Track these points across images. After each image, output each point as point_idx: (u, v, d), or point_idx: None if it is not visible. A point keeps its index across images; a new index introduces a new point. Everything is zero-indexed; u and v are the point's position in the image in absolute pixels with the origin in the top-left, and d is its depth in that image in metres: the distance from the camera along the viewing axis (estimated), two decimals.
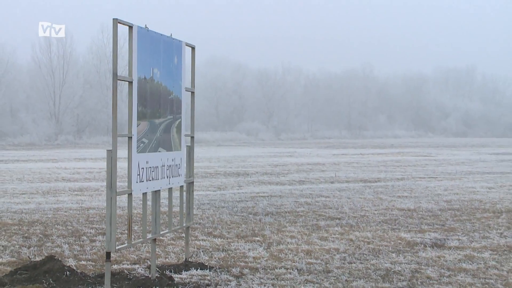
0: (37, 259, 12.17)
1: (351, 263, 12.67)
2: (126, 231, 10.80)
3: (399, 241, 15.07)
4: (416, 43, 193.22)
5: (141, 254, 13.00)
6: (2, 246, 14.30)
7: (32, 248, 14.03)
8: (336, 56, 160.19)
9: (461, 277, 11.50)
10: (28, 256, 13.02)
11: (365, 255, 13.43)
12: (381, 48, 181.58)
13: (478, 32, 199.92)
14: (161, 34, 10.95)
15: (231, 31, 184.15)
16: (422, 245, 14.49)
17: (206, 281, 11.00)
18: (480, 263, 12.59)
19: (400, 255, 13.45)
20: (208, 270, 11.85)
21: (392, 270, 12.06)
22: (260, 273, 11.68)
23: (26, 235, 15.75)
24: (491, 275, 11.64)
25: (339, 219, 18.29)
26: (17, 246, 14.28)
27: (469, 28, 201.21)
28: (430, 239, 15.20)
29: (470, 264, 12.55)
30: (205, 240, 15.02)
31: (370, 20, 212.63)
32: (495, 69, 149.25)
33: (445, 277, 11.48)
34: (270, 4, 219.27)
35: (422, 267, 12.33)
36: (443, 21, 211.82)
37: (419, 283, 11.06)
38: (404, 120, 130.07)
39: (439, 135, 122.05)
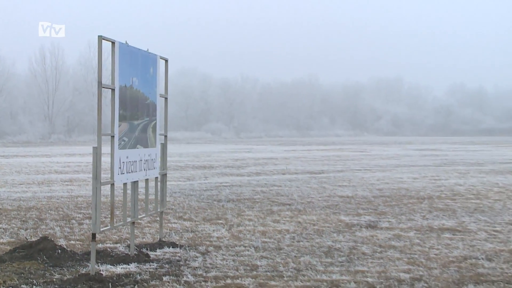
0: (33, 239, 12.15)
1: (299, 241, 12.67)
2: (109, 216, 10.73)
3: (339, 223, 15.07)
4: (354, 56, 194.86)
5: (122, 235, 12.95)
6: (3, 229, 14.21)
7: (28, 230, 13.95)
8: (286, 67, 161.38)
9: (391, 252, 11.54)
10: (25, 237, 12.98)
11: (310, 235, 13.43)
12: (324, 60, 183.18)
13: (405, 47, 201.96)
14: (139, 49, 10.92)
15: (199, 46, 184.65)
16: (358, 226, 14.52)
17: (177, 258, 10.99)
18: (406, 241, 12.65)
19: (340, 234, 13.46)
20: (179, 248, 11.84)
21: (333, 247, 12.06)
22: (222, 250, 11.67)
23: (23, 219, 15.64)
24: (415, 251, 11.69)
25: (289, 204, 18.28)
26: (15, 229, 14.19)
27: (398, 43, 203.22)
28: (365, 221, 15.25)
29: (398, 242, 12.61)
30: (176, 223, 14.98)
31: (316, 35, 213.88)
32: (418, 79, 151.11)
33: (377, 253, 11.51)
34: (232, 21, 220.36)
35: (358, 244, 12.35)
36: (377, 36, 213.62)
37: (355, 258, 11.07)
38: (343, 121, 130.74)
39: (373, 134, 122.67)
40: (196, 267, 10.26)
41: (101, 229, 10.23)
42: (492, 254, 11.46)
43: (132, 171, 10.80)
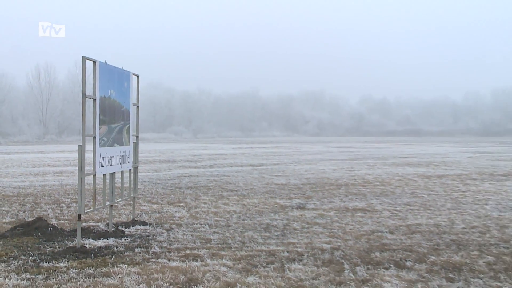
0: (30, 219, 12.07)
1: (244, 220, 12.64)
2: (92, 200, 10.67)
3: (275, 205, 15.06)
4: (287, 72, 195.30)
5: (102, 216, 12.79)
6: (5, 211, 14.01)
7: (26, 212, 13.80)
8: (234, 81, 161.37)
9: (315, 228, 11.55)
10: (23, 218, 12.82)
11: (253, 215, 13.40)
12: (263, 75, 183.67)
13: (327, 64, 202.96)
14: (115, 67, 10.82)
15: (165, 64, 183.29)
16: (290, 208, 14.53)
17: (147, 233, 10.91)
18: (328, 219, 12.67)
19: (276, 214, 13.47)
20: (148, 225, 11.76)
21: (271, 224, 12.07)
22: (183, 227, 11.63)
23: (22, 203, 15.42)
24: (334, 227, 11.71)
25: (236, 191, 18.24)
26: (15, 211, 14.01)
27: (321, 61, 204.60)
28: (296, 204, 15.26)
29: (321, 219, 12.62)
30: (146, 206, 14.84)
31: (257, 55, 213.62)
32: (337, 91, 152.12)
33: (305, 228, 11.51)
34: (193, 43, 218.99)
35: (290, 222, 12.37)
36: (304, 55, 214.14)
37: (288, 232, 11.09)
38: (278, 125, 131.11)
39: (302, 135, 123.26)
40: (162, 241, 10.24)
41: (85, 211, 10.22)
42: (393, 229, 11.58)
43: (110, 165, 10.79)
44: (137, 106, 12.34)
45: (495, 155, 41.29)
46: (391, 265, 8.53)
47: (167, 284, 7.52)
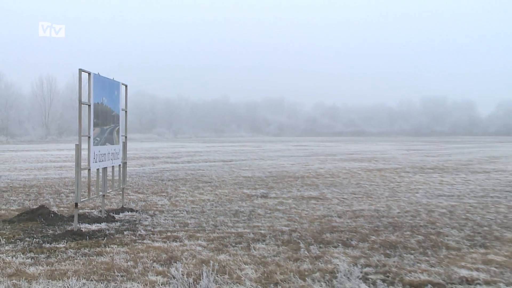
0: (34, 207, 11.97)
1: (216, 207, 12.64)
2: (87, 191, 10.56)
3: (243, 194, 15.07)
4: (253, 81, 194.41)
5: (96, 204, 12.67)
6: (13, 200, 13.85)
7: (31, 201, 13.66)
8: (209, 90, 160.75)
9: (276, 213, 11.59)
10: (28, 206, 12.67)
11: (224, 202, 13.40)
12: (232, 84, 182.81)
13: (287, 74, 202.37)
14: (107, 77, 10.76)
15: (149, 74, 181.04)
16: (256, 196, 14.55)
17: (134, 219, 10.85)
18: (287, 206, 12.73)
19: (243, 202, 13.49)
20: (135, 212, 11.70)
21: (239, 210, 12.09)
22: (164, 213, 11.60)
23: (27, 193, 15.24)
24: (292, 212, 11.78)
25: (210, 182, 18.19)
26: (22, 200, 13.85)
27: (282, 71, 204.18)
28: (260, 193, 15.30)
29: (281, 206, 12.67)
30: (133, 195, 14.74)
31: (229, 64, 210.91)
32: (295, 98, 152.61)
33: (268, 214, 11.53)
34: (170, 50, 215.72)
35: (255, 208, 12.40)
36: (269, 64, 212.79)
37: (253, 217, 11.13)
38: (246, 127, 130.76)
39: (265, 135, 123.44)
40: (147, 225, 10.19)
41: (81, 200, 10.17)
42: (341, 213, 11.68)
43: (102, 161, 10.72)
44: (126, 111, 12.26)
45: (424, 152, 41.93)
46: (339, 244, 8.59)
47: (151, 261, 7.51)
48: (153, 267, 7.29)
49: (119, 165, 12.05)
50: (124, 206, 12.32)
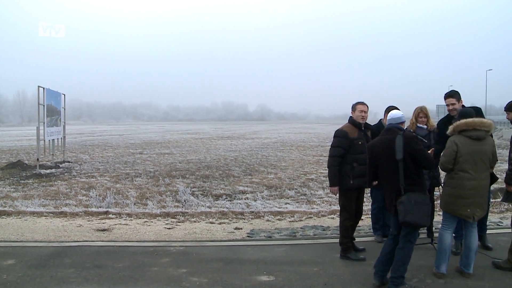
0: (14, 161, 11.80)
1: (115, 159, 12.47)
2: (43, 152, 10.44)
3: (130, 152, 14.71)
4: (205, 85, 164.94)
5: (48, 159, 11.98)
6: (2, 157, 13.85)
7: (12, 158, 13.46)
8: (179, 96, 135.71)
9: (147, 162, 11.35)
10: (11, 160, 12.43)
11: (122, 157, 13.00)
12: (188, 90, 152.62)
13: (246, 81, 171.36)
14: (52, 90, 11.10)
15: (97, 81, 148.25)
16: (137, 153, 14.21)
17: (70, 166, 10.68)
18: (154, 158, 12.41)
19: (131, 156, 13.05)
20: (71, 163, 11.41)
21: (128, 160, 11.81)
22: (87, 163, 11.41)
23: (10, 154, 15.06)
24: (155, 161, 11.54)
25: (111, 146, 17.35)
26: (8, 157, 13.90)
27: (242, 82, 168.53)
28: (138, 151, 14.89)
29: (150, 158, 12.38)
30: (69, 154, 14.38)
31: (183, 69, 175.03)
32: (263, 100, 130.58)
33: (142, 162, 11.34)
34: (126, 55, 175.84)
35: (136, 160, 12.13)
36: (215, 70, 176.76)
37: (135, 164, 10.91)
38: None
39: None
40: (77, 170, 10.53)
41: (40, 157, 10.51)
42: (181, 161, 11.68)
43: (51, 136, 11.07)
44: (64, 108, 12.45)
45: (225, 129, 40.59)
46: (180, 177, 8.95)
47: (79, 188, 7.77)
48: (81, 191, 7.42)
49: (61, 138, 12.32)
50: (64, 160, 12.46)
